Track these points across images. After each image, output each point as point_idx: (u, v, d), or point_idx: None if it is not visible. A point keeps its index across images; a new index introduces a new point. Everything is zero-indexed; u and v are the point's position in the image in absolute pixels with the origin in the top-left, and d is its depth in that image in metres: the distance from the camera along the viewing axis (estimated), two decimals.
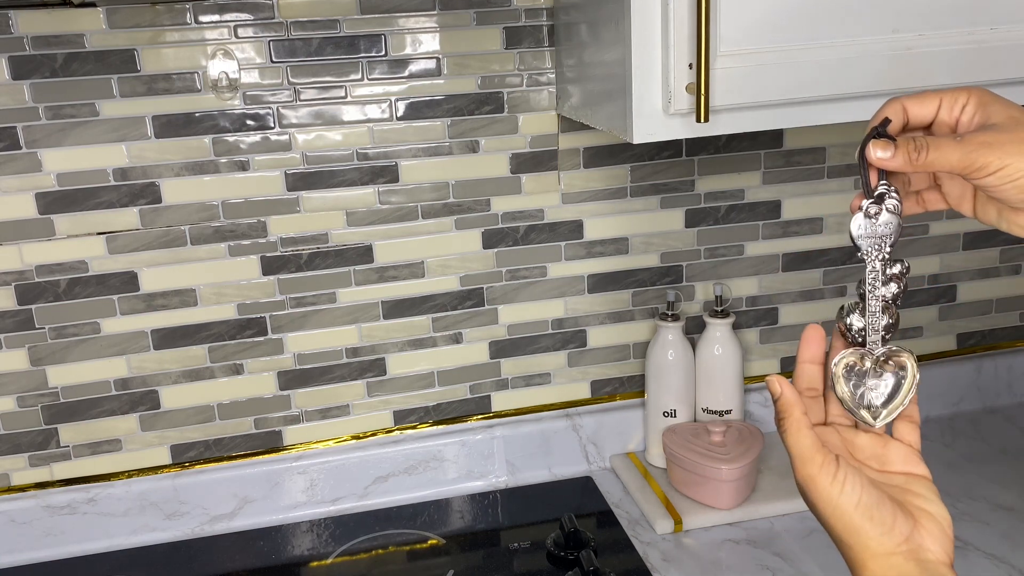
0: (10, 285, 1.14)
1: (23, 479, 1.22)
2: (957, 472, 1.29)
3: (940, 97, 0.63)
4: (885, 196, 0.63)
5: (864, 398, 0.65)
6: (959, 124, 0.62)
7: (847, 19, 0.92)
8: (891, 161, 0.61)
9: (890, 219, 0.63)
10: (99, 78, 1.10)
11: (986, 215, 0.65)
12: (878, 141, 0.62)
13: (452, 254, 1.25)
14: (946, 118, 0.63)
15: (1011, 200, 0.61)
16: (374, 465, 1.29)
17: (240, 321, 1.22)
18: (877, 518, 0.60)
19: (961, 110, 0.62)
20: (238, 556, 1.21)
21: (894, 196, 0.63)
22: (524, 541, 1.20)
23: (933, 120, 0.63)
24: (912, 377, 0.64)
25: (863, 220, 0.63)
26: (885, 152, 0.61)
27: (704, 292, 1.35)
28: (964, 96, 0.62)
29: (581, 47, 1.09)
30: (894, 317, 0.65)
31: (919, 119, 0.63)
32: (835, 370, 0.66)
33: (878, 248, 0.64)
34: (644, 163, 1.27)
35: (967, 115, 0.62)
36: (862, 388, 0.65)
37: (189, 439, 1.25)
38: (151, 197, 1.15)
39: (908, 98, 0.63)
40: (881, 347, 0.65)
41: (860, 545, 0.60)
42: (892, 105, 0.63)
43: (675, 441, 1.24)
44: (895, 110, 0.63)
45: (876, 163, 0.62)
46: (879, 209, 0.63)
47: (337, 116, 1.17)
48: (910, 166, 0.60)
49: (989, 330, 1.48)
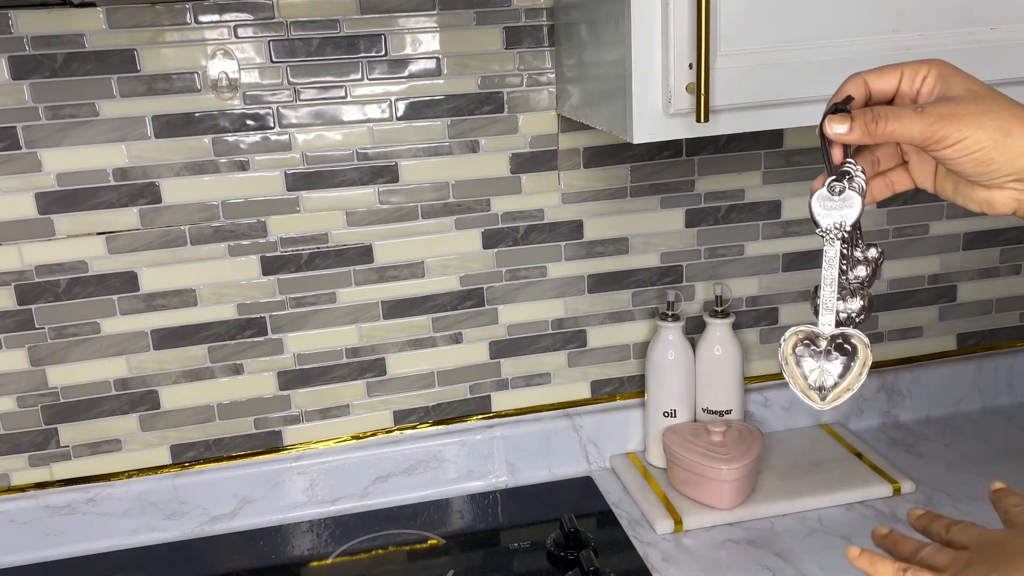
0: (10, 285, 1.14)
1: (23, 479, 1.22)
2: (957, 472, 1.29)
3: (901, 70, 0.62)
4: (851, 175, 0.62)
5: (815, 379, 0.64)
6: (919, 96, 0.62)
7: (847, 19, 0.92)
8: (849, 135, 0.60)
9: (854, 199, 0.62)
10: (99, 78, 1.10)
11: (944, 190, 0.65)
12: (834, 116, 0.61)
13: (452, 254, 1.25)
14: (907, 90, 0.62)
15: (968, 173, 0.61)
16: (374, 465, 1.29)
17: (240, 321, 1.22)
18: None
19: (922, 82, 0.62)
20: (238, 556, 1.21)
21: (860, 175, 0.62)
22: (524, 541, 1.20)
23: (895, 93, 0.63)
24: (863, 361, 0.63)
25: (826, 196, 0.62)
26: (842, 126, 0.60)
27: (704, 292, 1.35)
28: (925, 68, 0.62)
29: (581, 47, 1.09)
30: (866, 299, 0.64)
31: (881, 93, 0.63)
32: (784, 347, 0.65)
33: (837, 227, 0.62)
34: (644, 163, 1.27)
35: (927, 87, 0.62)
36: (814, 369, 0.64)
37: (189, 439, 1.25)
38: (151, 197, 1.15)
39: (869, 72, 0.63)
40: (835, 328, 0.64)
41: None
42: (853, 80, 0.63)
43: (675, 441, 1.24)
44: (856, 84, 0.63)
45: (834, 138, 0.61)
46: (843, 187, 0.62)
47: (337, 116, 1.17)
48: (869, 138, 0.60)
49: (989, 330, 1.48)
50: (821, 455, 1.33)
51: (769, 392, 1.39)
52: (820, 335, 0.64)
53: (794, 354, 0.64)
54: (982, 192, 0.62)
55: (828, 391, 0.63)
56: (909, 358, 1.46)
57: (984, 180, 0.61)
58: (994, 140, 0.58)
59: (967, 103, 0.59)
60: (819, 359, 0.64)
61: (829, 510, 1.22)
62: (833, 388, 0.63)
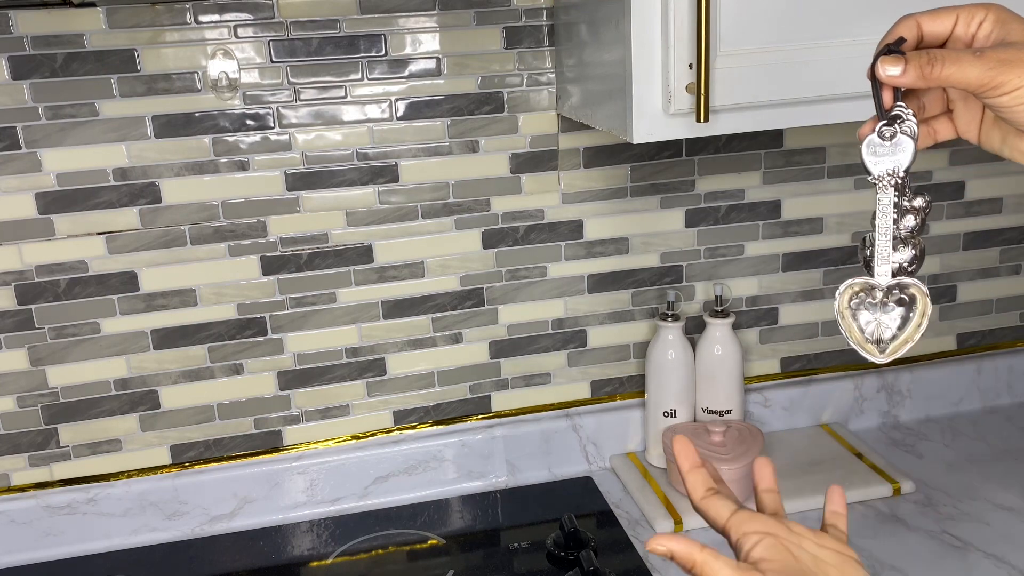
0: (10, 285, 1.14)
1: (23, 479, 1.22)
2: (957, 472, 1.29)
3: (956, 12, 0.59)
4: (901, 119, 0.59)
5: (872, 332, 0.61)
6: (975, 40, 0.59)
7: (847, 19, 0.92)
8: (903, 77, 0.57)
9: (906, 143, 0.59)
10: (99, 78, 1.10)
11: (990, 140, 0.63)
12: (887, 57, 0.58)
13: (452, 254, 1.25)
14: (962, 34, 0.59)
15: (1022, 122, 0.58)
16: (374, 465, 1.29)
17: (240, 321, 1.22)
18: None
19: (978, 26, 0.59)
20: (238, 556, 1.21)
21: (911, 119, 0.59)
22: (524, 541, 1.20)
23: (948, 37, 0.60)
24: (922, 311, 0.61)
25: (877, 142, 0.59)
26: (895, 68, 0.57)
27: (704, 292, 1.35)
28: (982, 12, 0.59)
29: (581, 47, 1.09)
30: (918, 249, 0.61)
31: (934, 36, 0.60)
32: (840, 300, 0.62)
33: (891, 174, 0.60)
34: (644, 163, 1.27)
35: (984, 31, 0.59)
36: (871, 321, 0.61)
37: (189, 439, 1.25)
38: (151, 197, 1.15)
39: (922, 14, 0.60)
40: (890, 278, 0.61)
41: None
42: (905, 22, 0.60)
43: None
44: (908, 26, 0.60)
45: (887, 80, 0.58)
46: (894, 131, 0.59)
47: (337, 116, 1.17)
48: (923, 81, 0.57)
49: (989, 330, 1.48)
50: (821, 455, 1.33)
51: (769, 392, 1.39)
52: (876, 286, 0.62)
53: (850, 307, 0.62)
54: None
55: (887, 343, 0.61)
56: (909, 358, 1.45)
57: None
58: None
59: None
60: (876, 311, 0.61)
61: None
62: (892, 341, 0.61)
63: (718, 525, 0.65)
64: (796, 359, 1.41)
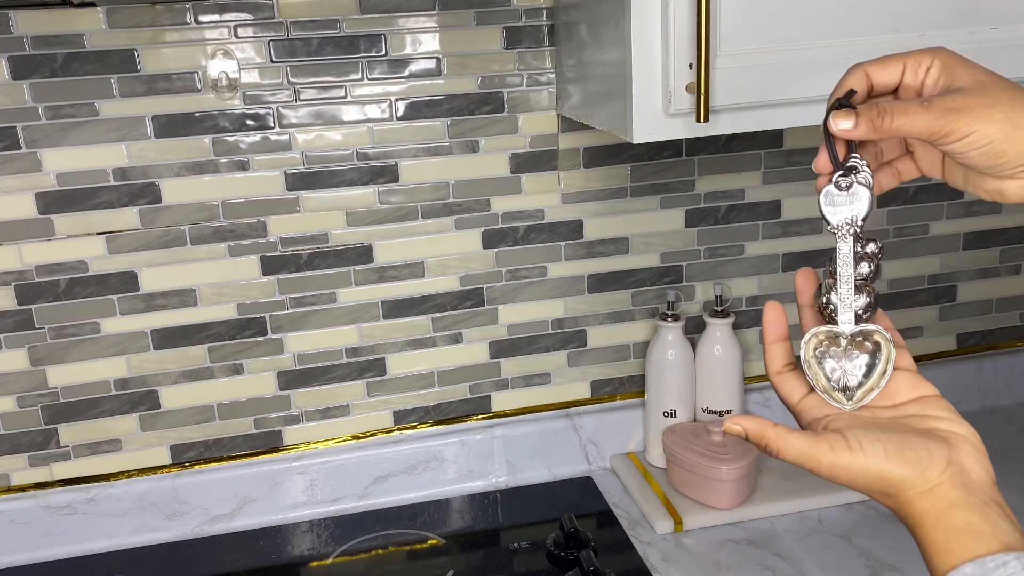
0: (10, 285, 1.14)
1: (23, 479, 1.22)
2: None
3: (904, 61, 0.61)
4: (857, 169, 0.61)
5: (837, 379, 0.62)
6: (924, 87, 0.60)
7: (847, 19, 0.92)
8: (855, 131, 0.59)
9: (862, 192, 0.61)
10: (99, 78, 1.10)
11: (953, 178, 0.64)
12: (839, 111, 0.59)
13: (452, 254, 1.25)
14: (911, 82, 0.61)
15: (977, 166, 0.59)
16: (374, 465, 1.29)
17: (240, 321, 1.22)
18: (912, 459, 0.57)
19: (926, 73, 0.60)
20: (238, 556, 1.21)
21: (866, 169, 0.61)
22: (524, 541, 1.20)
23: (898, 85, 0.61)
24: (887, 356, 0.62)
25: (835, 193, 0.61)
26: (847, 122, 0.59)
27: (704, 292, 1.35)
28: (928, 58, 0.60)
29: (581, 47, 1.09)
30: (872, 296, 0.63)
31: (884, 85, 0.61)
32: (805, 349, 0.63)
33: (849, 223, 0.61)
34: (644, 163, 1.27)
35: (932, 78, 0.60)
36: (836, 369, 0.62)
37: (189, 439, 1.25)
38: (151, 197, 1.15)
39: (871, 63, 0.61)
40: (854, 326, 0.63)
41: (905, 488, 0.57)
42: (854, 72, 0.61)
43: (675, 441, 1.24)
44: (858, 77, 0.61)
45: (839, 134, 0.60)
46: (850, 182, 0.61)
47: (337, 116, 1.17)
48: (875, 133, 0.59)
49: (989, 330, 1.48)
50: None
51: (769, 392, 1.39)
52: (840, 334, 0.63)
53: (815, 355, 0.63)
54: (993, 182, 0.61)
55: (853, 391, 0.62)
56: None
57: (995, 172, 0.59)
58: (1004, 133, 0.57)
59: (975, 95, 0.57)
60: (840, 359, 0.62)
61: (829, 510, 1.22)
62: (858, 388, 0.62)
63: (790, 403, 0.65)
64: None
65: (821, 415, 0.62)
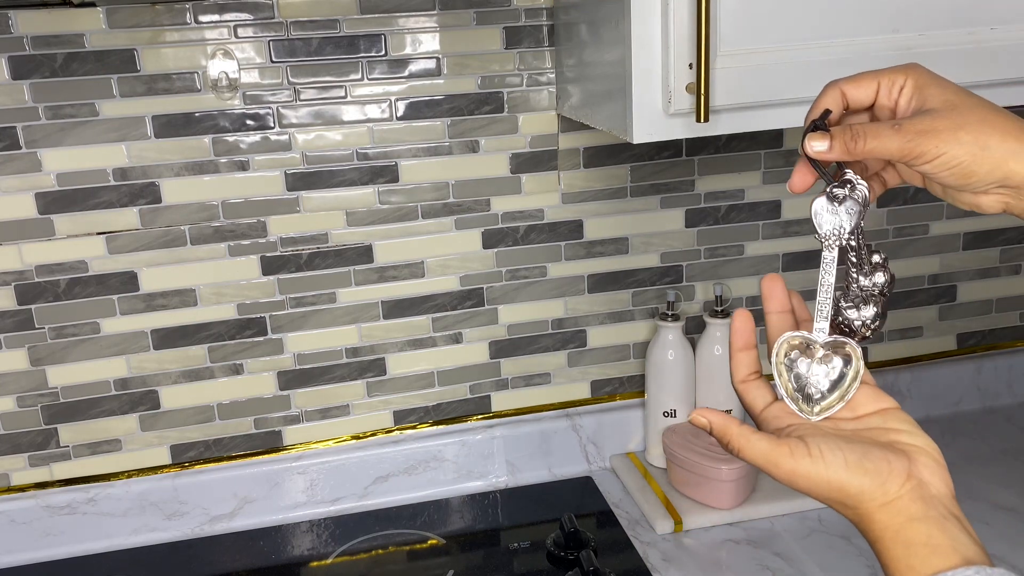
0: (10, 285, 1.14)
1: (23, 479, 1.22)
2: (957, 472, 1.27)
3: (878, 80, 0.62)
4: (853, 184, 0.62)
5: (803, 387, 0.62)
6: (897, 107, 0.62)
7: (847, 19, 0.92)
8: (829, 153, 0.61)
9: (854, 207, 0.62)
10: (99, 78, 1.10)
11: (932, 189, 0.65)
12: (814, 134, 0.61)
13: (452, 254, 1.25)
14: (885, 101, 0.62)
15: (949, 184, 0.61)
16: (374, 465, 1.29)
17: (240, 321, 1.22)
18: (872, 470, 0.57)
19: (899, 92, 0.61)
20: (238, 556, 1.21)
21: (861, 184, 0.62)
22: (524, 541, 1.20)
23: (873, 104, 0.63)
24: (856, 371, 0.62)
25: (827, 204, 0.62)
26: (822, 143, 0.61)
27: (704, 292, 1.35)
28: (901, 77, 0.61)
29: (581, 47, 1.09)
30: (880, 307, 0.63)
31: (859, 102, 0.63)
32: (776, 353, 0.63)
33: (836, 234, 0.62)
34: (644, 163, 1.27)
35: (904, 97, 0.61)
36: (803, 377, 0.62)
37: (189, 439, 1.25)
38: (151, 197, 1.15)
39: (846, 81, 0.63)
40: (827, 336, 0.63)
41: (863, 501, 0.57)
42: (830, 91, 0.63)
43: (675, 441, 1.24)
44: (833, 96, 0.63)
45: (815, 156, 0.61)
46: (844, 194, 0.62)
47: (337, 116, 1.17)
48: (848, 155, 0.60)
49: (989, 330, 1.48)
50: None
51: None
52: (813, 342, 0.63)
53: (785, 361, 0.63)
54: (968, 196, 0.62)
55: (817, 402, 0.61)
56: (909, 358, 1.46)
57: (967, 189, 0.61)
58: (972, 154, 0.58)
59: (943, 117, 0.58)
60: (811, 367, 0.62)
61: (829, 510, 1.21)
62: (822, 399, 0.62)
63: (754, 412, 0.65)
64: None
65: (784, 424, 0.62)
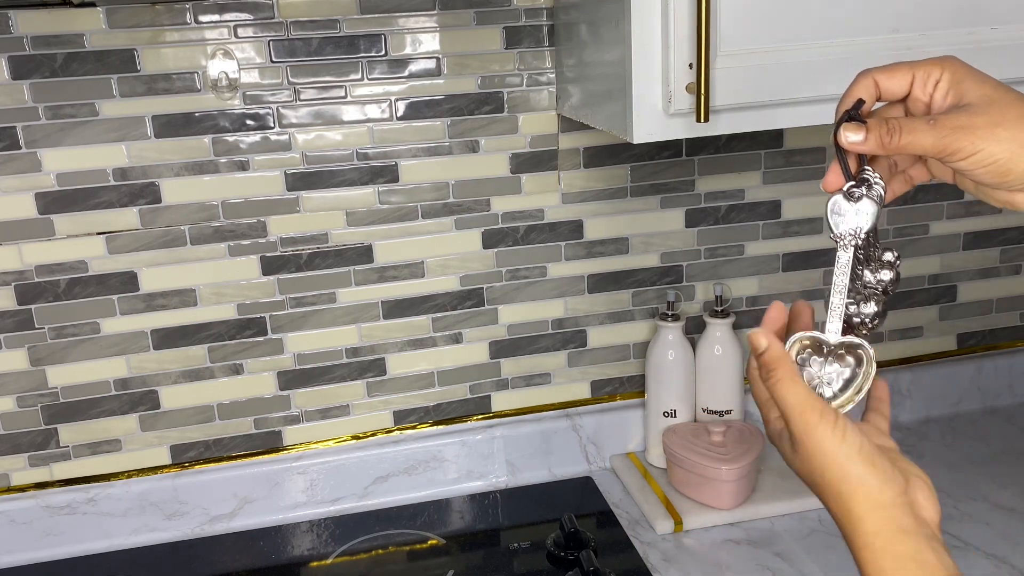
0: (10, 285, 1.14)
1: (23, 479, 1.22)
2: (957, 472, 1.29)
3: (913, 72, 0.61)
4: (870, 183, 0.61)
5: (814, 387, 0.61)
6: (933, 100, 0.61)
7: (847, 19, 0.92)
8: (863, 145, 0.59)
9: (870, 206, 0.60)
10: (99, 78, 1.10)
11: (964, 184, 0.64)
12: (849, 124, 0.60)
13: (452, 254, 1.25)
14: (920, 94, 0.61)
15: (984, 182, 0.60)
16: (374, 465, 1.29)
17: (240, 321, 1.22)
18: (879, 466, 0.57)
19: (935, 86, 0.60)
20: (238, 556, 1.21)
21: (879, 183, 0.61)
22: (524, 541, 1.20)
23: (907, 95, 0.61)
24: (867, 374, 0.61)
25: (843, 203, 0.61)
26: (857, 135, 0.59)
27: (704, 292, 1.35)
28: (937, 70, 0.60)
29: (581, 47, 1.09)
30: (881, 305, 0.62)
31: (892, 93, 0.62)
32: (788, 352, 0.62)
33: (853, 234, 0.61)
34: (644, 163, 1.27)
35: (940, 91, 0.60)
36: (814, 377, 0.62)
37: (189, 439, 1.25)
38: (151, 197, 1.15)
39: (879, 71, 0.61)
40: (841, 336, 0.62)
41: (860, 495, 0.56)
42: (863, 80, 0.61)
43: (675, 441, 1.24)
44: (866, 86, 0.61)
45: (849, 148, 0.60)
46: (860, 194, 0.61)
47: (337, 116, 1.17)
48: (883, 149, 0.59)
49: (989, 330, 1.48)
50: None
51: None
52: (825, 343, 0.62)
53: (797, 361, 0.62)
54: (1003, 194, 0.61)
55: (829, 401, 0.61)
56: (909, 358, 1.46)
57: (1003, 187, 0.60)
58: (1009, 152, 0.57)
59: (981, 113, 0.57)
60: (822, 367, 0.62)
61: None
62: (833, 399, 0.61)
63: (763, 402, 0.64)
64: None
65: None
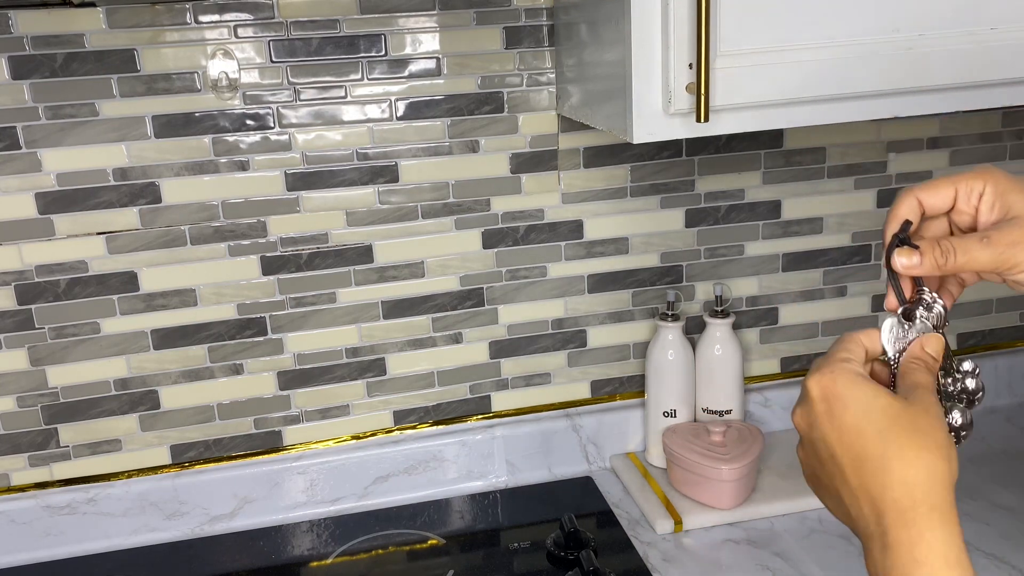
0: (10, 285, 1.14)
1: (23, 479, 1.22)
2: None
3: (955, 186, 0.61)
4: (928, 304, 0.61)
5: None
6: (979, 213, 0.61)
7: (847, 19, 0.92)
8: (918, 269, 0.60)
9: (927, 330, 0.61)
10: (99, 78, 1.10)
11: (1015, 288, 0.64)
12: (902, 249, 0.60)
13: (452, 254, 1.25)
14: (964, 207, 0.61)
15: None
16: (374, 465, 1.29)
17: (240, 321, 1.22)
18: None
19: (979, 199, 0.61)
20: (238, 556, 1.21)
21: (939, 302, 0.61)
22: (524, 541, 1.20)
23: (951, 210, 0.62)
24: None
25: (897, 326, 0.61)
26: (911, 259, 0.60)
27: (704, 292, 1.35)
28: (980, 183, 0.61)
29: (581, 47, 1.09)
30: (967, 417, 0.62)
31: (935, 209, 0.62)
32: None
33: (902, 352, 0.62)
34: (644, 163, 1.27)
35: (986, 204, 0.61)
36: None
37: (189, 439, 1.25)
38: (151, 197, 1.15)
39: (921, 189, 0.62)
40: None
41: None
42: (906, 200, 0.62)
43: (675, 441, 1.24)
44: (910, 205, 0.62)
45: (904, 272, 0.60)
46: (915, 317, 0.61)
47: (337, 116, 1.17)
48: (938, 271, 0.59)
49: (989, 330, 1.48)
50: None
51: (769, 392, 1.39)
52: None
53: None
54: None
55: None
56: None
57: None
58: None
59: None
60: None
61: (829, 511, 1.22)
62: None
63: None
64: (796, 359, 1.41)
65: None
